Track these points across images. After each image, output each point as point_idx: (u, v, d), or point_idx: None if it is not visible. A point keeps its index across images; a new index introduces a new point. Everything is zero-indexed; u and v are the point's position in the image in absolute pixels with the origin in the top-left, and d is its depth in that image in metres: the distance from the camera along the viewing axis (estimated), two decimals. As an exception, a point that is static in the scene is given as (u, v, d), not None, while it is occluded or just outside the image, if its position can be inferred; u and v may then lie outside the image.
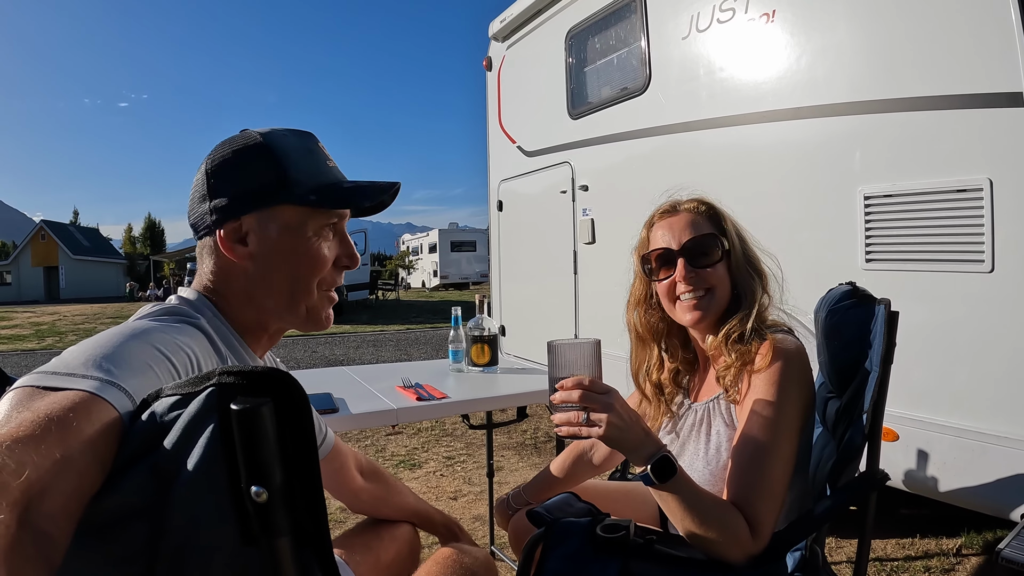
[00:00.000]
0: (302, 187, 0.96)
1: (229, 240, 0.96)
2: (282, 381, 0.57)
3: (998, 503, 2.06)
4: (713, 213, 1.41)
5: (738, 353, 1.29)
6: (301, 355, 9.97)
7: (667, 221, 1.42)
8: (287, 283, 0.98)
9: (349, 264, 1.03)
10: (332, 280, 1.03)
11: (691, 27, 3.21)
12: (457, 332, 2.57)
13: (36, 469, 0.54)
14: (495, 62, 5.20)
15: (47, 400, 0.63)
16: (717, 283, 1.36)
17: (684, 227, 1.38)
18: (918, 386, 2.21)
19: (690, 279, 1.35)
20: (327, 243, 1.01)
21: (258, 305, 0.99)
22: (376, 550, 1.41)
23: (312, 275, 0.99)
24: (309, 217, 0.97)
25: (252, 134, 0.99)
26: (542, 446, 4.51)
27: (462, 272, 33.41)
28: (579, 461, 1.70)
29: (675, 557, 1.16)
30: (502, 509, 1.72)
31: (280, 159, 0.97)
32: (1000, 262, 2.01)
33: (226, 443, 0.56)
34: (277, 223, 0.96)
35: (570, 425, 1.11)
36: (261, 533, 0.55)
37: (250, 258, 0.97)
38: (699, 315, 1.35)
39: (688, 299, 1.36)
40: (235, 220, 0.96)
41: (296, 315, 1.01)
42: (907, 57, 2.26)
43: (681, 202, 1.45)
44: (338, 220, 1.02)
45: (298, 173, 0.97)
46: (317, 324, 1.03)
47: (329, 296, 1.04)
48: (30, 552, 0.52)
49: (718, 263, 1.37)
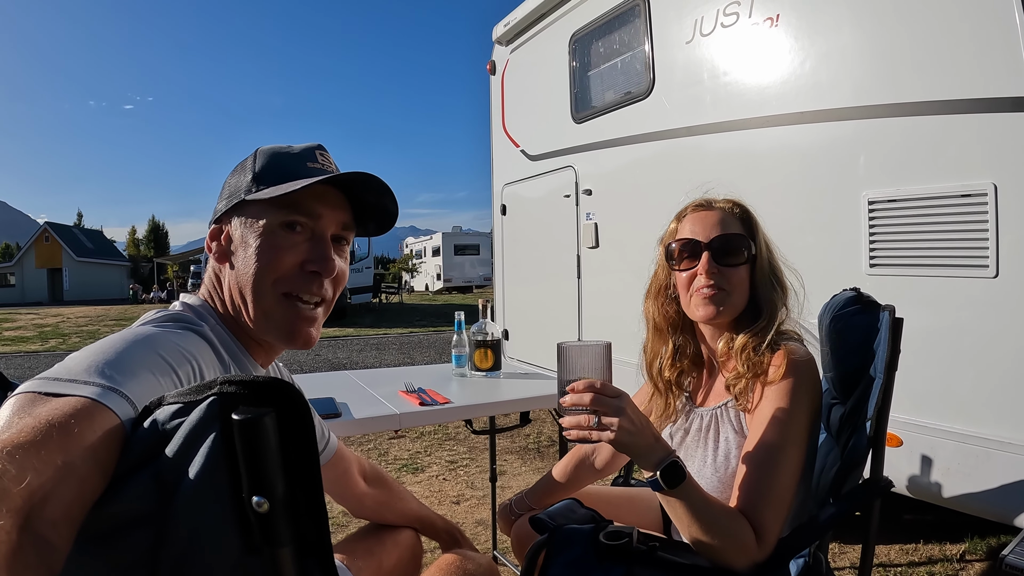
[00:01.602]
0: (264, 182, 0.96)
1: (210, 241, 1.00)
2: (284, 391, 0.57)
3: (1002, 509, 2.05)
4: (746, 217, 1.41)
5: (751, 364, 1.29)
6: (304, 358, 9.98)
7: (699, 215, 1.41)
8: (251, 284, 0.95)
9: (317, 269, 0.95)
10: (297, 285, 0.96)
11: (695, 31, 3.21)
12: (460, 337, 2.57)
13: (37, 475, 0.54)
14: (499, 66, 5.20)
15: (49, 406, 0.62)
16: (737, 284, 1.34)
17: (715, 223, 1.37)
18: (922, 391, 2.20)
19: (711, 274, 1.33)
20: (288, 241, 0.95)
21: (243, 313, 0.97)
22: (378, 555, 1.41)
23: (266, 272, 0.94)
24: (267, 212, 0.95)
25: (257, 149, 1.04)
26: (545, 450, 4.50)
27: (465, 276, 33.40)
28: (581, 465, 1.68)
29: (678, 564, 1.16)
30: (505, 515, 1.71)
31: (257, 161, 0.99)
32: (1004, 267, 2.01)
33: (228, 453, 0.56)
34: (241, 219, 0.97)
35: (580, 429, 1.08)
36: (263, 543, 0.55)
37: (227, 260, 0.99)
38: (713, 310, 1.33)
39: (705, 292, 1.34)
40: (217, 224, 1.01)
41: (269, 322, 0.96)
42: (911, 61, 2.25)
43: (716, 199, 1.44)
44: (307, 219, 0.96)
45: (266, 171, 0.97)
46: (288, 337, 0.97)
47: (296, 307, 0.96)
48: (31, 559, 0.52)
49: (742, 265, 1.35)
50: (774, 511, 1.15)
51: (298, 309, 0.96)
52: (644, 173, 3.60)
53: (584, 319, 4.18)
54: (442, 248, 33.33)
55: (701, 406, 1.45)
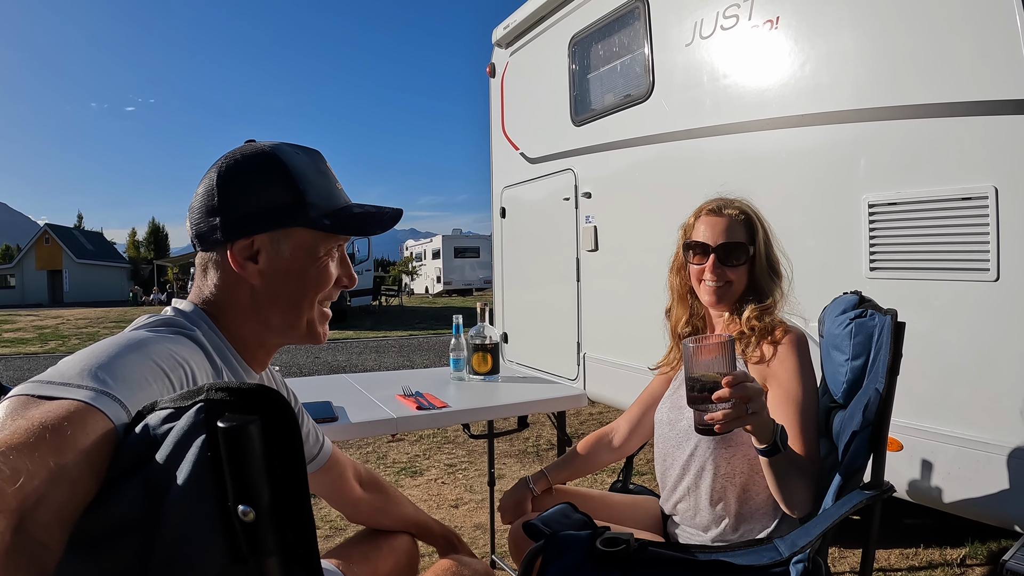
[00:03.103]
0: (317, 210, 0.98)
1: (240, 256, 0.96)
2: (271, 399, 0.56)
3: (1003, 514, 2.04)
4: (750, 223, 1.65)
5: (755, 329, 1.56)
6: (304, 361, 9.97)
7: (711, 219, 1.66)
8: (293, 300, 1.00)
9: (348, 284, 1.07)
10: (330, 296, 1.06)
11: (695, 34, 3.21)
12: (458, 340, 2.56)
13: (31, 477, 0.54)
14: (498, 68, 5.20)
15: (42, 409, 0.62)
16: (736, 279, 1.62)
17: (723, 230, 1.63)
18: (922, 395, 2.19)
19: (716, 272, 1.62)
20: (333, 263, 1.03)
21: (262, 321, 1.00)
22: (374, 560, 1.40)
23: (317, 293, 1.02)
24: (321, 240, 1.00)
25: (263, 148, 0.98)
26: (544, 454, 4.49)
27: (466, 278, 33.38)
28: (600, 444, 1.88)
29: (676, 571, 1.15)
30: (519, 491, 1.78)
31: (296, 180, 0.97)
32: (1005, 270, 2.00)
33: (214, 460, 0.55)
34: (290, 244, 0.98)
35: (735, 419, 1.19)
36: (249, 552, 0.54)
37: (259, 275, 0.97)
38: (715, 300, 1.64)
39: (711, 285, 1.63)
40: (247, 238, 0.96)
41: (297, 331, 1.03)
42: (912, 64, 2.25)
43: (726, 207, 1.67)
44: (344, 242, 1.05)
45: (314, 196, 0.98)
46: (315, 338, 1.05)
47: (325, 312, 1.06)
48: (23, 560, 0.52)
49: (742, 265, 1.62)
50: (812, 463, 1.41)
51: (324, 313, 1.06)
52: (644, 176, 3.60)
53: (584, 322, 4.17)
54: (442, 251, 33.31)
55: None
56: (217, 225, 0.95)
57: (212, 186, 0.96)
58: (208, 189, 0.96)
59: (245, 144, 1.01)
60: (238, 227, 0.95)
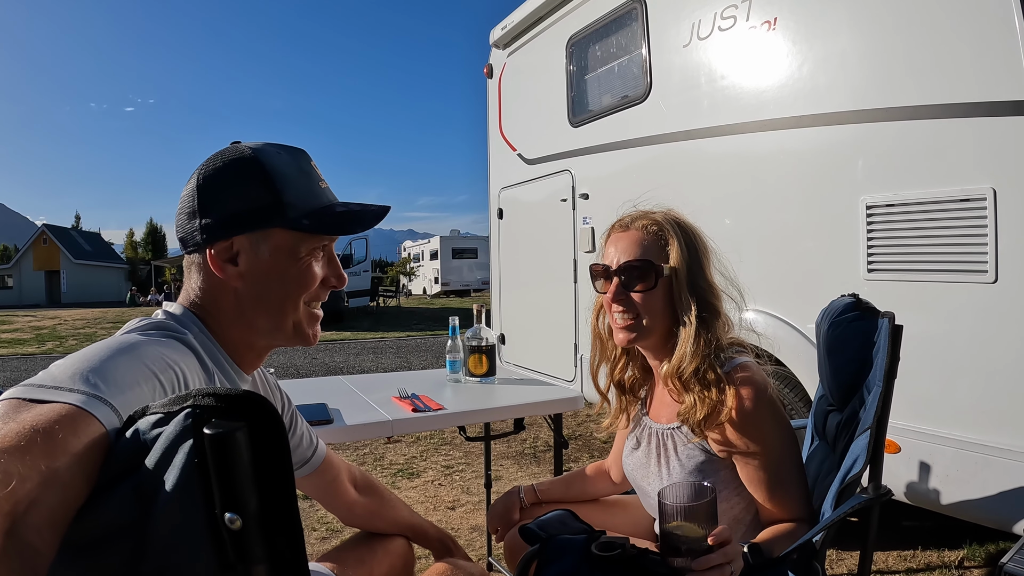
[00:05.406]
0: (296, 210, 0.97)
1: (219, 259, 0.95)
2: (259, 405, 0.56)
3: (1001, 516, 2.04)
4: (662, 234, 1.35)
5: (702, 399, 1.27)
6: (301, 362, 9.96)
7: (617, 236, 1.41)
8: (276, 303, 0.99)
9: (337, 284, 1.05)
10: (318, 297, 1.04)
11: (692, 35, 3.20)
12: (455, 342, 2.55)
13: (22, 480, 0.54)
14: (496, 69, 5.19)
15: (33, 412, 0.62)
16: (647, 309, 1.33)
17: (627, 247, 1.36)
18: (920, 397, 2.19)
19: (620, 300, 1.34)
20: (317, 264, 1.01)
21: (247, 323, 0.99)
22: (369, 564, 1.40)
23: (300, 294, 1.00)
24: (302, 240, 0.98)
25: (244, 150, 0.98)
26: (541, 455, 4.48)
27: (463, 279, 33.38)
28: (599, 474, 1.73)
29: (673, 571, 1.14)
30: (508, 501, 1.68)
31: (274, 180, 0.96)
32: (1003, 272, 1.99)
33: (201, 467, 0.54)
34: (269, 245, 0.96)
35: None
36: (237, 560, 0.54)
37: (240, 278, 0.96)
38: (625, 337, 1.35)
39: (619, 320, 1.35)
40: (226, 240, 0.95)
41: (284, 333, 1.02)
42: (910, 65, 2.24)
43: (634, 219, 1.41)
44: (329, 242, 1.03)
45: (292, 196, 0.97)
46: (304, 340, 1.04)
47: (314, 313, 1.05)
48: (15, 564, 0.52)
49: (652, 290, 1.32)
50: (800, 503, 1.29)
51: (313, 315, 1.04)
52: (641, 177, 3.59)
53: (581, 324, 4.16)
54: (440, 252, 33.31)
55: (654, 421, 1.47)
56: (198, 227, 0.95)
57: (193, 188, 0.96)
58: (190, 192, 0.97)
59: (229, 146, 1.01)
60: (217, 229, 0.95)
